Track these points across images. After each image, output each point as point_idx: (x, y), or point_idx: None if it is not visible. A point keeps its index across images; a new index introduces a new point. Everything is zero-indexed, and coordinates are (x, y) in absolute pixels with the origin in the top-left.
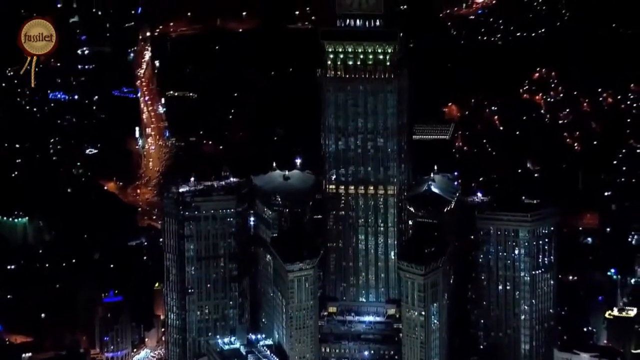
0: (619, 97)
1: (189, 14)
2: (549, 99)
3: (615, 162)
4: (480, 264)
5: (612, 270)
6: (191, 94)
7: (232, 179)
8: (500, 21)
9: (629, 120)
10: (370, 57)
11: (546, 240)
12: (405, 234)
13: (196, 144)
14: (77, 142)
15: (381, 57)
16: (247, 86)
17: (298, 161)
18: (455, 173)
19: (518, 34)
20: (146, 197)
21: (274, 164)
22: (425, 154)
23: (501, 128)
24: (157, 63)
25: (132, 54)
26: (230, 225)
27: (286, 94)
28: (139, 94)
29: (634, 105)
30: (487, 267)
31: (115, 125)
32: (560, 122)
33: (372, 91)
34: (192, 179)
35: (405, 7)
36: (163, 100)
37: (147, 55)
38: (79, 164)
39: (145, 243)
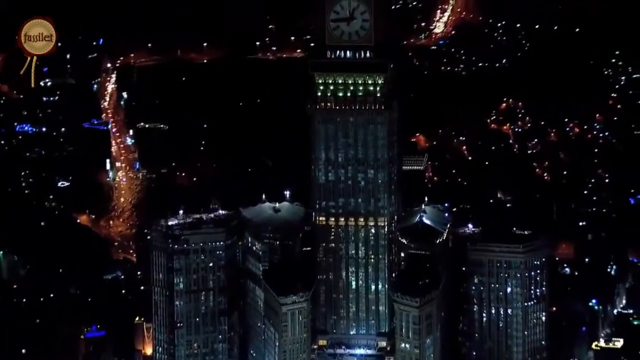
0: (585, 127)
1: (149, 45)
2: (516, 129)
3: (585, 192)
4: (472, 296)
5: (594, 301)
6: (162, 126)
7: (221, 212)
8: (462, 52)
9: (596, 150)
10: (361, 88)
11: (538, 271)
12: (396, 266)
13: (168, 175)
14: (48, 174)
15: (371, 88)
16: (219, 117)
17: (287, 193)
18: (446, 204)
19: (480, 64)
20: (119, 230)
21: (264, 196)
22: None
23: (470, 158)
24: (124, 94)
25: (96, 86)
26: (220, 258)
27: (263, 124)
28: (109, 126)
29: (600, 135)
30: (479, 299)
31: (85, 158)
32: (529, 152)
33: (362, 122)
34: (181, 211)
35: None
36: (133, 132)
37: (112, 86)
38: (51, 197)
39: (122, 277)
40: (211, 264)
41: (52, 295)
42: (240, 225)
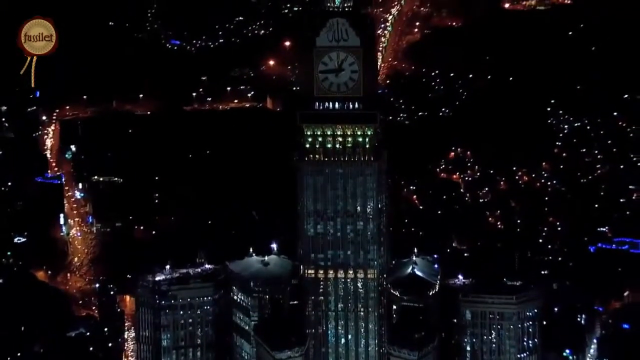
0: (533, 175)
1: (84, 96)
2: (466, 178)
3: (540, 240)
4: (464, 348)
5: (568, 351)
6: (116, 178)
7: (207, 266)
8: (401, 100)
9: (546, 198)
10: (350, 139)
11: (531, 322)
12: (386, 319)
13: (124, 229)
14: (4, 230)
15: (361, 139)
16: (169, 169)
17: (274, 246)
18: (435, 256)
19: (420, 113)
20: (78, 285)
21: (251, 250)
22: None
23: (421, 207)
24: (72, 147)
25: (39, 139)
26: (208, 313)
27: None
28: (62, 180)
29: (549, 183)
30: (472, 351)
31: (39, 213)
32: (480, 200)
33: (351, 174)
34: (168, 267)
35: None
36: (85, 185)
37: (52, 139)
38: (9, 253)
39: (87, 333)
40: (199, 320)
41: (17, 354)
42: (227, 279)
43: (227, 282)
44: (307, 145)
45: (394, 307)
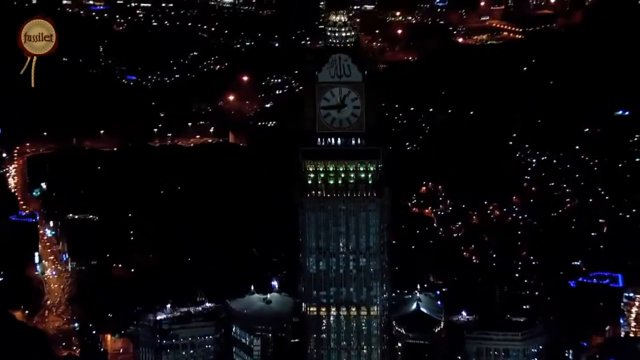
0: (504, 209)
1: (45, 133)
2: (439, 212)
3: (517, 275)
4: None
5: None
6: (91, 216)
7: (207, 304)
8: None
9: (519, 232)
10: (352, 175)
11: (536, 359)
12: (389, 357)
13: (100, 267)
14: None
15: (363, 175)
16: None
17: (275, 283)
18: (437, 292)
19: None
20: (56, 325)
21: (252, 287)
22: None
23: (394, 242)
24: (43, 185)
25: (3, 177)
26: (209, 353)
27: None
28: (37, 218)
29: (520, 217)
30: None
31: (14, 252)
32: (454, 235)
33: (354, 210)
34: (168, 305)
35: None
36: (57, 223)
37: (20, 176)
38: None
39: None
40: (200, 359)
41: None
42: (228, 318)
43: (228, 321)
44: (309, 182)
45: (399, 344)
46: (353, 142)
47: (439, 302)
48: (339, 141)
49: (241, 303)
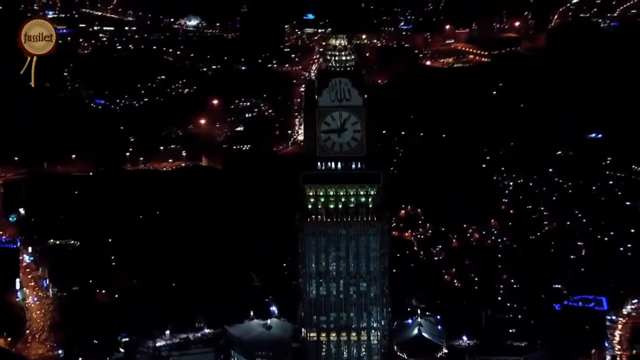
0: (483, 232)
1: (15, 158)
2: (419, 236)
3: (499, 298)
4: None
5: None
6: (73, 242)
7: (206, 330)
8: None
9: (499, 255)
10: (353, 199)
11: None
12: None
13: (81, 293)
14: None
15: (363, 199)
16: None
17: (274, 309)
18: (438, 317)
19: None
20: (39, 352)
21: (251, 313)
22: None
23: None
24: (21, 210)
25: None
26: None
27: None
28: (18, 244)
29: (499, 240)
30: None
31: None
32: (435, 258)
33: (354, 235)
34: (167, 332)
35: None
36: (36, 249)
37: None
38: None
39: None
40: None
41: None
42: (227, 344)
43: (227, 347)
44: (310, 206)
45: None
46: (353, 166)
47: (439, 327)
48: (339, 165)
49: (240, 329)
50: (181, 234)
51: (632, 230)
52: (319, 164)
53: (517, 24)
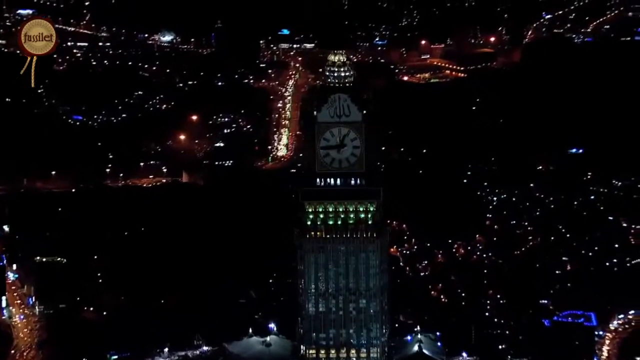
0: (468, 248)
1: None
2: (405, 252)
3: (487, 314)
4: None
5: None
6: (59, 259)
7: (205, 348)
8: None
9: (485, 271)
10: (352, 216)
11: None
12: None
13: (69, 310)
14: None
15: (363, 215)
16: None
17: (273, 326)
18: (438, 333)
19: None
20: None
21: (250, 330)
22: None
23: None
24: (6, 228)
25: None
26: None
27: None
28: (4, 261)
29: (484, 255)
30: None
31: None
32: (421, 274)
33: (353, 251)
34: (166, 349)
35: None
36: (21, 266)
37: None
38: None
39: None
40: None
41: None
42: None
43: None
44: (309, 223)
45: None
46: (353, 182)
47: (439, 344)
48: (338, 181)
49: (239, 346)
50: (168, 250)
51: (616, 245)
52: (318, 180)
53: (492, 39)
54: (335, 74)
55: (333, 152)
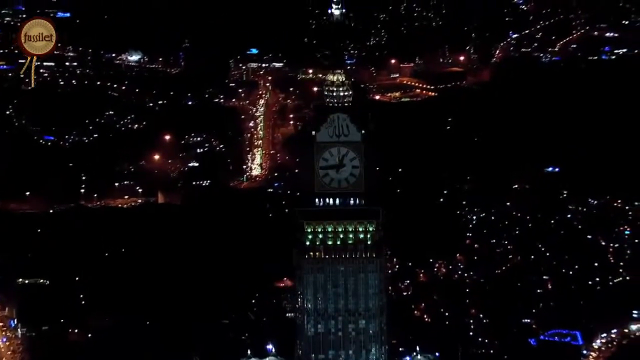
0: (450, 267)
1: None
2: (387, 271)
3: (471, 333)
4: None
5: None
6: (42, 280)
7: None
8: (298, 193)
9: (467, 290)
10: (351, 236)
11: None
12: None
13: (51, 332)
14: None
15: (362, 235)
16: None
17: (270, 347)
18: (437, 354)
19: None
20: None
21: (249, 352)
22: None
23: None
24: None
25: None
26: None
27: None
28: None
29: (465, 274)
30: None
31: None
32: (403, 294)
33: (353, 271)
34: None
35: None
36: (5, 289)
37: None
38: None
39: None
40: None
41: None
42: None
43: None
44: (307, 243)
45: None
46: (352, 202)
47: None
48: (337, 201)
49: None
50: (153, 270)
51: (596, 264)
52: (317, 200)
53: (461, 58)
54: (334, 94)
55: (332, 172)
